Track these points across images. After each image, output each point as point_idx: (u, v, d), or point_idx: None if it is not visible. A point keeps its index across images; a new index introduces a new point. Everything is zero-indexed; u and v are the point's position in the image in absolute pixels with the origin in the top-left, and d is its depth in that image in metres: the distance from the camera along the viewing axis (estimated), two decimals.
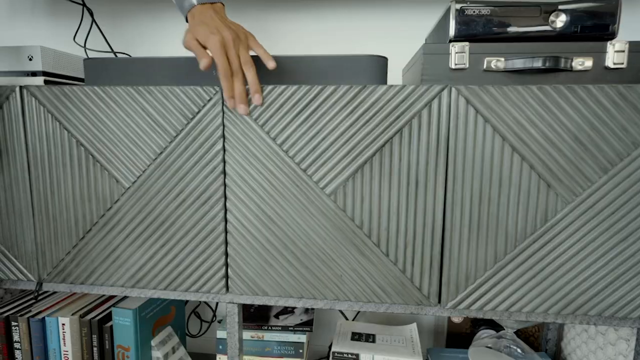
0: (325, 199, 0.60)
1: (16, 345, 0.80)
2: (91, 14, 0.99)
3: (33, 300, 0.84)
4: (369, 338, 0.85)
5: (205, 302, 1.08)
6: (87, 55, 0.99)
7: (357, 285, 0.62)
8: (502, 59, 0.59)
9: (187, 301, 1.06)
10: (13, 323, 0.80)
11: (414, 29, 0.95)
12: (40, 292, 0.85)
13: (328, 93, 0.59)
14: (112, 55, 1.00)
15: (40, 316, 0.79)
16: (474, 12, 0.59)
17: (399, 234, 0.59)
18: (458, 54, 0.59)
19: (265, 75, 0.68)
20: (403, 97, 0.57)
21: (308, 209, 0.60)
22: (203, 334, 1.08)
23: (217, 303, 1.08)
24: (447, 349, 0.91)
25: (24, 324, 0.79)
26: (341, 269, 0.61)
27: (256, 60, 0.64)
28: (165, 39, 1.01)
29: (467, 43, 0.59)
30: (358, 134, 0.58)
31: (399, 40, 0.96)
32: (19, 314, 0.79)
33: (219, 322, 1.08)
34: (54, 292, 0.84)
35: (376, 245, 0.60)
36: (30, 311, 0.81)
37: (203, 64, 0.56)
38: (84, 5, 0.99)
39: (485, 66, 0.59)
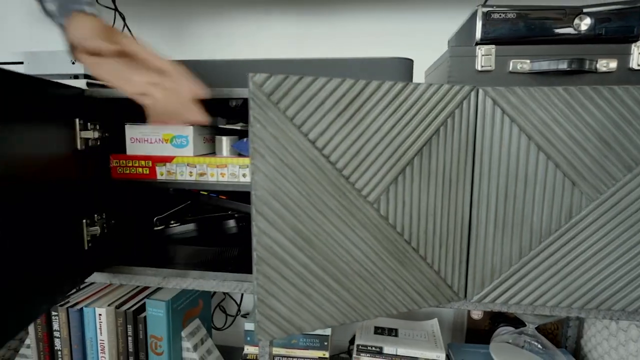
0: (369, 208, 0.55)
1: (55, 334, 0.85)
2: (123, 18, 1.03)
3: (72, 291, 0.89)
4: (392, 332, 0.88)
5: (231, 296, 1.11)
6: None
7: (397, 296, 0.58)
8: (528, 61, 0.60)
9: (213, 294, 1.10)
10: (53, 313, 0.84)
11: (432, 33, 0.97)
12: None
13: (372, 89, 0.53)
14: None
15: (78, 307, 0.83)
16: (500, 16, 0.61)
17: (435, 235, 0.60)
18: (484, 57, 0.61)
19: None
20: (440, 96, 0.58)
21: (350, 221, 0.54)
22: (228, 327, 1.12)
23: (241, 297, 1.11)
24: (468, 344, 0.93)
25: (63, 314, 0.84)
26: (384, 282, 0.57)
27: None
28: (194, 41, 1.05)
29: (493, 46, 0.61)
30: (401, 134, 0.56)
31: (416, 44, 0.98)
32: (59, 304, 0.84)
33: (243, 316, 1.12)
34: (92, 283, 0.88)
35: (415, 250, 0.59)
36: (69, 302, 0.85)
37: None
38: (116, 9, 1.03)
39: (510, 68, 0.61)
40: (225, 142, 0.78)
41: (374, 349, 0.81)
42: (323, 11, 1.00)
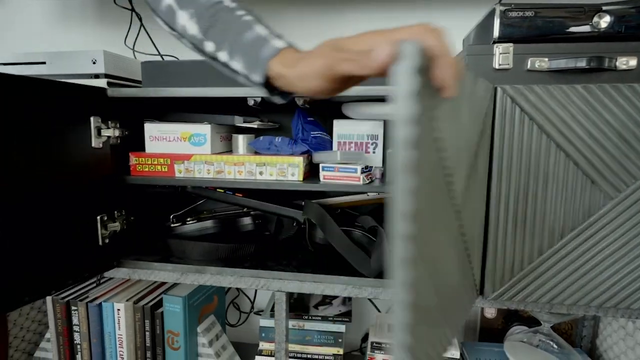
0: None
1: (75, 328, 0.87)
2: (140, 19, 1.04)
3: (92, 286, 0.91)
4: None
5: (244, 293, 1.12)
6: (135, 57, 1.05)
7: None
8: (546, 59, 0.60)
9: (227, 291, 1.11)
10: (73, 307, 0.86)
11: (445, 32, 0.97)
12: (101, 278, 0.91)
13: None
14: (159, 57, 1.05)
15: (97, 302, 0.85)
16: (518, 14, 0.61)
17: None
18: (502, 55, 0.61)
19: None
20: None
21: None
22: (242, 324, 1.13)
23: (255, 294, 1.12)
24: (481, 342, 0.93)
25: (82, 309, 0.85)
26: None
27: None
28: None
29: (511, 44, 0.61)
30: None
31: None
32: (79, 299, 0.85)
33: (257, 313, 1.13)
34: (111, 278, 0.90)
35: None
36: (88, 297, 0.87)
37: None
38: (132, 10, 1.05)
39: (529, 66, 0.61)
40: (242, 140, 0.79)
41: (388, 346, 0.82)
42: (336, 10, 1.00)
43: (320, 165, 0.71)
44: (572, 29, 0.61)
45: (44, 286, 0.60)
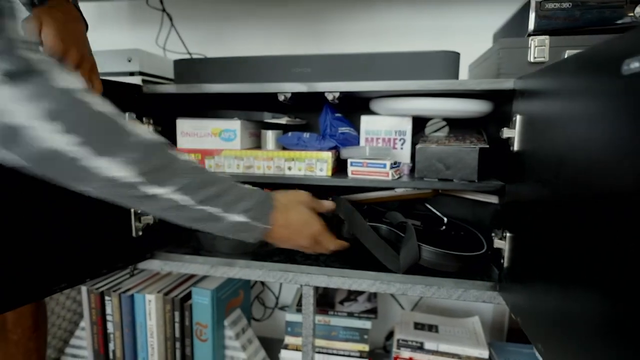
0: None
1: (108, 318, 0.90)
2: (170, 19, 1.07)
3: (125, 277, 0.94)
4: (432, 328, 0.87)
5: (269, 288, 1.14)
6: (165, 56, 1.08)
7: None
8: None
9: (253, 286, 1.13)
10: (106, 297, 0.89)
11: (472, 27, 0.95)
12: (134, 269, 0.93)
13: None
14: (188, 56, 1.08)
15: (129, 293, 0.88)
16: (555, 5, 0.60)
17: None
18: (538, 48, 0.60)
19: (338, 74, 0.72)
20: None
21: None
22: (266, 318, 1.14)
23: (279, 289, 1.13)
24: (510, 343, 0.91)
25: (115, 299, 0.88)
26: None
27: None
28: (237, 39, 1.08)
29: (547, 36, 0.60)
30: None
31: (453, 39, 0.96)
32: (112, 290, 0.88)
33: (281, 308, 1.14)
34: (143, 270, 0.92)
35: None
36: (120, 287, 0.90)
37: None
38: (163, 10, 1.07)
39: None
40: (271, 135, 0.80)
41: (414, 344, 0.81)
42: (364, 6, 1.00)
43: (349, 160, 0.71)
44: (613, 20, 0.59)
45: (80, 274, 0.63)
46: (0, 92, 0.32)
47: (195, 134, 0.78)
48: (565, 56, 0.59)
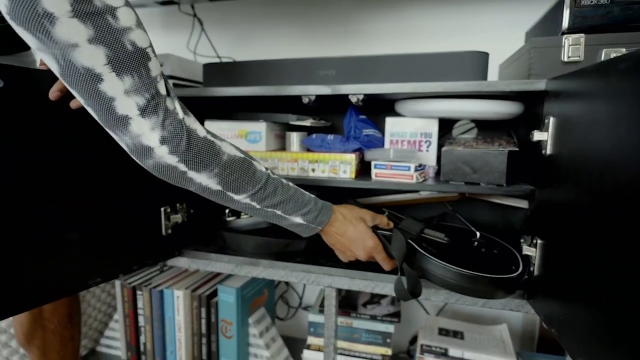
0: None
1: (140, 312, 0.94)
2: (201, 24, 1.10)
3: (155, 273, 0.97)
4: (457, 335, 0.85)
5: (293, 288, 1.15)
6: (195, 60, 1.12)
7: None
8: (623, 50, 0.56)
9: (277, 285, 1.14)
10: (138, 292, 0.93)
11: (502, 26, 0.92)
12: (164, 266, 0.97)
13: None
14: (217, 59, 1.11)
15: (159, 288, 0.91)
16: (590, 2, 0.57)
17: None
18: (572, 47, 0.57)
19: (363, 76, 0.72)
20: None
21: None
22: (290, 318, 1.15)
23: (303, 289, 1.14)
24: (541, 353, 0.87)
25: (146, 294, 0.92)
26: None
27: None
28: (265, 42, 1.09)
29: (582, 34, 0.57)
30: None
31: (481, 38, 0.94)
32: (144, 285, 0.92)
33: (305, 308, 1.15)
34: (172, 267, 0.96)
35: None
36: (151, 283, 0.93)
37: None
38: (195, 15, 1.11)
39: (602, 58, 0.57)
40: (295, 137, 0.80)
41: (438, 349, 0.80)
42: (391, 7, 0.99)
43: (372, 162, 0.71)
44: None
45: (113, 270, 0.66)
46: (140, 123, 0.44)
47: (222, 136, 0.80)
48: (602, 55, 0.57)
